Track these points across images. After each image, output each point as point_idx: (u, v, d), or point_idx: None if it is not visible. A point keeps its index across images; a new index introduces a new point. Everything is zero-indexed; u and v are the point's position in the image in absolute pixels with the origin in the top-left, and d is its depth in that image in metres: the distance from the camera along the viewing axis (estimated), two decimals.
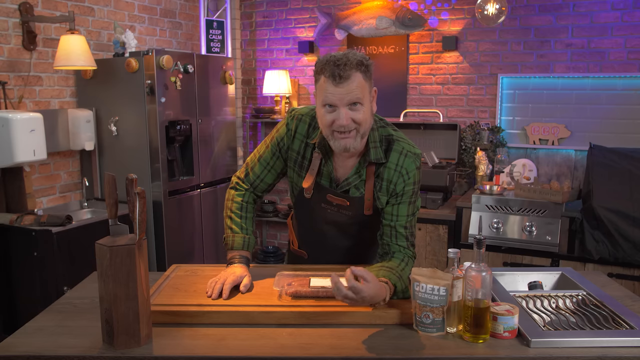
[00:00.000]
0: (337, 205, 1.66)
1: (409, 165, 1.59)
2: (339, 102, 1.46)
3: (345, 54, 1.48)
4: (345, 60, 1.44)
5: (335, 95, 1.46)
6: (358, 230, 1.74)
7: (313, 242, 1.84)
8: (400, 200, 1.60)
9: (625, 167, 2.96)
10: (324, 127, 1.53)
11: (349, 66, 1.44)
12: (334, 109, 1.48)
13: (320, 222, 1.74)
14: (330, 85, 1.45)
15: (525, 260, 3.14)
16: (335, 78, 1.44)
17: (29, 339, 1.35)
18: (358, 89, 1.46)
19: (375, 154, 1.58)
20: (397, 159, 1.60)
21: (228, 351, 1.29)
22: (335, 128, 1.49)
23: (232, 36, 4.56)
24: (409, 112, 4.07)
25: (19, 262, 2.84)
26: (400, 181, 1.59)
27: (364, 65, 1.47)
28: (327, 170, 1.64)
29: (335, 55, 1.47)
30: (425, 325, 1.35)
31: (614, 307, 1.49)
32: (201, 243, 3.84)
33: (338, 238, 1.77)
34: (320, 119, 1.54)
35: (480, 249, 1.33)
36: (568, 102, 3.61)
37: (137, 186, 1.30)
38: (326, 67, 1.46)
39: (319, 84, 1.50)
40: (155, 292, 1.57)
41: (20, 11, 3.11)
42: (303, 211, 1.78)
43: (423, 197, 3.45)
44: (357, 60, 1.46)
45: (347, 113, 1.47)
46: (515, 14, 3.70)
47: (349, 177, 1.62)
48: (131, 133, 3.43)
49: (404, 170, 1.59)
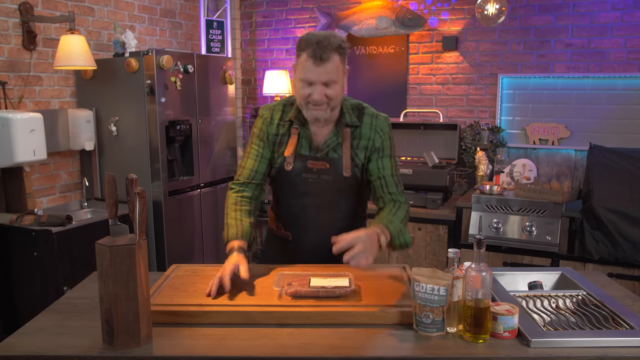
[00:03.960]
0: (317, 171, 1.77)
1: (382, 123, 1.81)
2: (316, 80, 1.63)
3: (327, 36, 1.62)
4: (326, 43, 1.60)
5: (314, 74, 1.62)
6: (340, 200, 1.81)
7: (296, 220, 1.85)
8: (382, 155, 1.79)
9: (625, 167, 2.96)
10: (299, 98, 1.70)
11: (329, 49, 1.60)
12: (310, 85, 1.64)
13: (301, 195, 1.80)
14: (311, 64, 1.61)
15: (525, 260, 3.14)
16: (317, 59, 1.60)
17: (29, 339, 1.35)
18: (335, 70, 1.63)
19: (350, 118, 1.78)
20: (370, 120, 1.80)
21: (228, 351, 1.29)
22: (309, 100, 1.67)
23: (232, 36, 4.57)
24: (409, 112, 4.07)
25: (19, 262, 2.84)
26: (377, 137, 1.78)
27: (342, 49, 1.65)
28: (306, 139, 1.78)
29: (318, 36, 1.62)
30: (425, 325, 1.35)
31: (614, 307, 1.49)
32: (201, 243, 3.84)
33: (320, 210, 1.81)
34: (297, 90, 1.70)
35: (480, 249, 1.33)
36: (568, 102, 3.61)
37: (137, 186, 1.30)
38: (309, 46, 1.61)
39: (300, 60, 1.65)
40: (155, 292, 1.57)
41: (20, 11, 3.11)
42: (284, 188, 1.83)
43: (423, 197, 3.45)
44: (337, 44, 1.62)
45: (322, 89, 1.64)
46: (515, 14, 3.70)
47: (327, 139, 1.77)
48: (131, 133, 3.43)
49: (378, 128, 1.79)
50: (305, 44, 1.62)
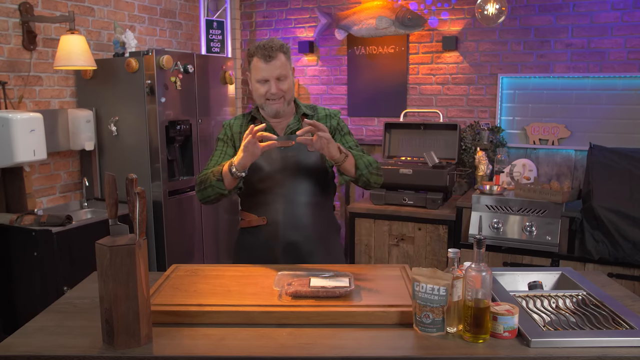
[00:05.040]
0: (284, 150, 1.91)
1: (334, 112, 2.08)
2: (269, 76, 1.87)
3: (270, 39, 1.90)
4: (271, 44, 1.87)
5: (265, 71, 1.86)
6: (307, 175, 1.95)
7: (268, 203, 1.94)
8: (342, 133, 2.03)
9: (625, 167, 2.96)
10: (258, 98, 1.93)
11: (274, 49, 1.87)
12: (266, 82, 1.88)
13: (271, 175, 1.92)
14: (262, 64, 1.86)
15: (525, 260, 3.14)
16: (266, 58, 1.85)
17: (29, 339, 1.35)
18: (283, 66, 1.88)
19: (306, 108, 2.04)
20: (323, 111, 2.07)
21: (228, 351, 1.29)
22: (268, 96, 1.89)
23: (232, 36, 4.57)
24: (409, 112, 4.07)
25: (19, 262, 2.84)
26: (333, 120, 2.04)
27: (285, 48, 1.91)
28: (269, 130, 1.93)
29: (263, 42, 1.90)
30: (425, 325, 1.35)
31: (614, 307, 1.49)
32: (201, 243, 3.84)
33: (291, 186, 1.93)
34: (255, 92, 1.93)
35: (480, 249, 1.33)
36: (568, 102, 3.61)
37: (137, 186, 1.30)
38: (257, 51, 1.88)
39: (252, 64, 1.91)
40: (155, 292, 1.57)
41: (20, 11, 3.11)
42: (254, 172, 1.91)
43: (423, 197, 3.45)
44: (280, 45, 1.89)
45: (276, 83, 1.88)
46: (515, 14, 3.70)
47: (289, 124, 1.98)
48: (131, 133, 3.43)
49: (332, 114, 2.06)
50: (254, 50, 1.89)
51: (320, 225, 1.97)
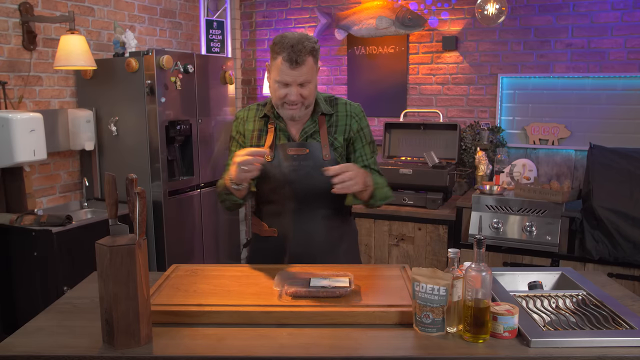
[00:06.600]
0: (297, 158, 1.79)
1: (356, 109, 1.88)
2: (292, 82, 1.68)
3: (301, 39, 1.66)
4: (301, 47, 1.65)
5: (289, 76, 1.67)
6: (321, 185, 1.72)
7: (280, 214, 1.85)
8: (363, 142, 1.87)
9: (625, 167, 2.96)
10: (275, 98, 1.75)
11: (304, 52, 1.65)
12: (286, 86, 1.69)
13: (284, 185, 1.80)
14: (287, 68, 1.66)
15: (525, 260, 3.14)
16: (292, 63, 1.65)
17: (29, 339, 1.35)
18: (309, 71, 1.69)
19: (324, 107, 1.84)
20: (344, 108, 1.87)
21: (228, 351, 1.29)
22: (285, 101, 1.72)
23: (232, 36, 4.57)
24: (409, 112, 4.07)
25: (19, 262, 2.84)
26: (354, 122, 1.85)
27: (315, 51, 1.71)
28: (283, 132, 1.83)
29: (292, 39, 1.66)
30: (425, 325, 1.35)
31: (614, 307, 1.49)
32: (201, 243, 3.84)
33: (303, 199, 1.81)
34: (273, 91, 1.74)
35: (480, 249, 1.33)
36: (568, 102, 3.61)
37: (137, 186, 1.30)
38: (284, 50, 1.65)
39: (275, 62, 1.69)
40: (155, 292, 1.57)
41: (20, 11, 3.11)
42: (267, 181, 1.82)
43: (423, 197, 3.45)
44: (311, 47, 1.68)
45: (297, 90, 1.69)
46: (515, 14, 3.70)
47: (304, 128, 1.82)
48: (131, 133, 3.43)
49: (353, 113, 1.87)
50: (280, 47, 1.66)
51: (334, 236, 1.89)
